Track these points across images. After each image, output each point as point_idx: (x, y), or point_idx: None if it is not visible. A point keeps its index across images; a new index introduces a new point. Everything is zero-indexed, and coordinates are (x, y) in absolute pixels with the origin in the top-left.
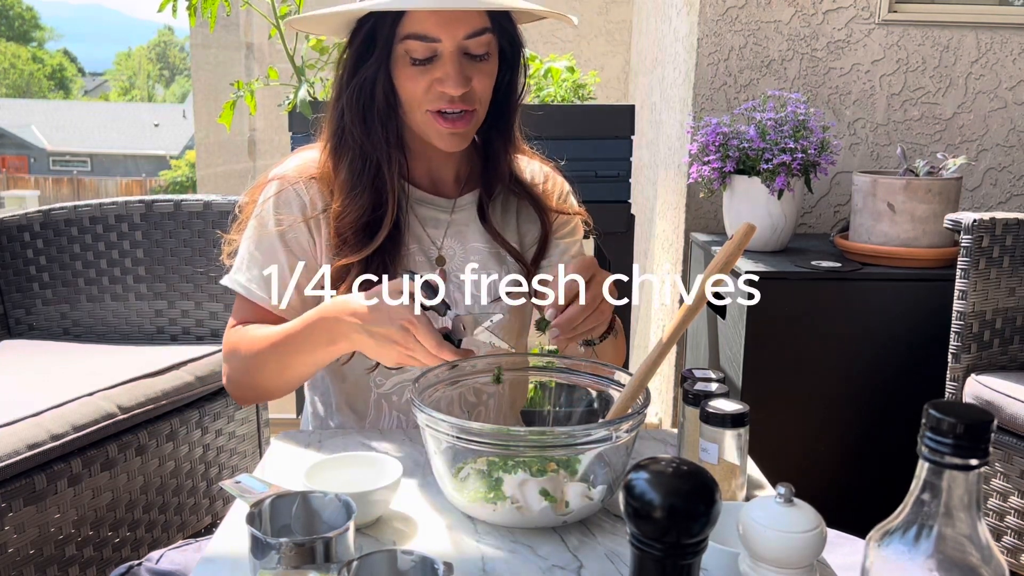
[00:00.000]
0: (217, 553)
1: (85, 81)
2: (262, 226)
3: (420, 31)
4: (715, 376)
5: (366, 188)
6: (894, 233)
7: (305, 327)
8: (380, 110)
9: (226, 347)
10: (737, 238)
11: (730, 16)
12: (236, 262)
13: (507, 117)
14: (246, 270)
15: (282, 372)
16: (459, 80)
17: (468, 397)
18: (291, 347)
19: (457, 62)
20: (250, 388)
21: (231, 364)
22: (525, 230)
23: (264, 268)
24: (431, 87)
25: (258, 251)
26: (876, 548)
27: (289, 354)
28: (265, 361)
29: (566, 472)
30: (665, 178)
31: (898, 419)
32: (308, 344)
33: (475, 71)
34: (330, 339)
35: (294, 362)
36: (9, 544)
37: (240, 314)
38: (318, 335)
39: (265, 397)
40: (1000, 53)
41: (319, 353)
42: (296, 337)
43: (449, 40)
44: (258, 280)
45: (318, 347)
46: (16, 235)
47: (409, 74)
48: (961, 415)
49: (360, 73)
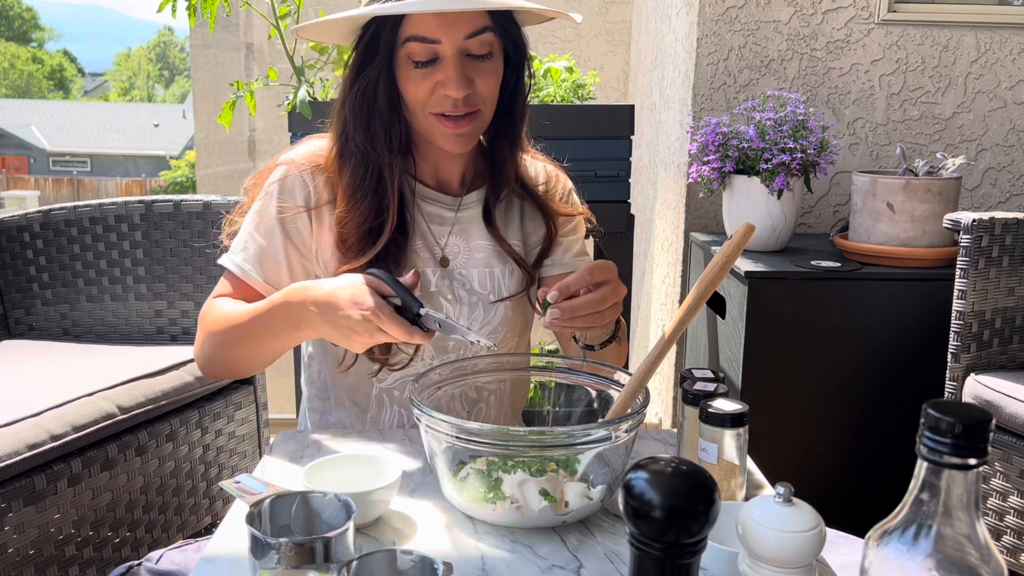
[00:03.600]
0: (217, 553)
1: (85, 81)
2: (264, 209)
3: (420, 33)
4: (715, 376)
5: (368, 193)
6: (893, 233)
7: (271, 309)
8: (383, 114)
9: (201, 319)
10: (736, 238)
11: (729, 16)
12: (235, 243)
13: (513, 120)
14: (241, 250)
15: (250, 352)
16: (460, 82)
17: (469, 394)
18: (257, 328)
19: (458, 64)
20: (219, 363)
21: (201, 340)
22: (530, 230)
23: (260, 249)
24: (434, 90)
25: (257, 232)
26: (875, 547)
27: (256, 335)
28: (234, 339)
29: (566, 472)
30: (665, 178)
31: (897, 418)
32: (273, 327)
33: (478, 72)
34: (294, 324)
35: (261, 343)
36: (9, 544)
37: (224, 289)
38: (283, 319)
39: (234, 374)
40: (999, 53)
41: (284, 337)
42: (262, 319)
43: (449, 41)
44: (252, 261)
45: (283, 331)
46: (16, 235)
47: (412, 77)
48: (960, 414)
49: (362, 78)
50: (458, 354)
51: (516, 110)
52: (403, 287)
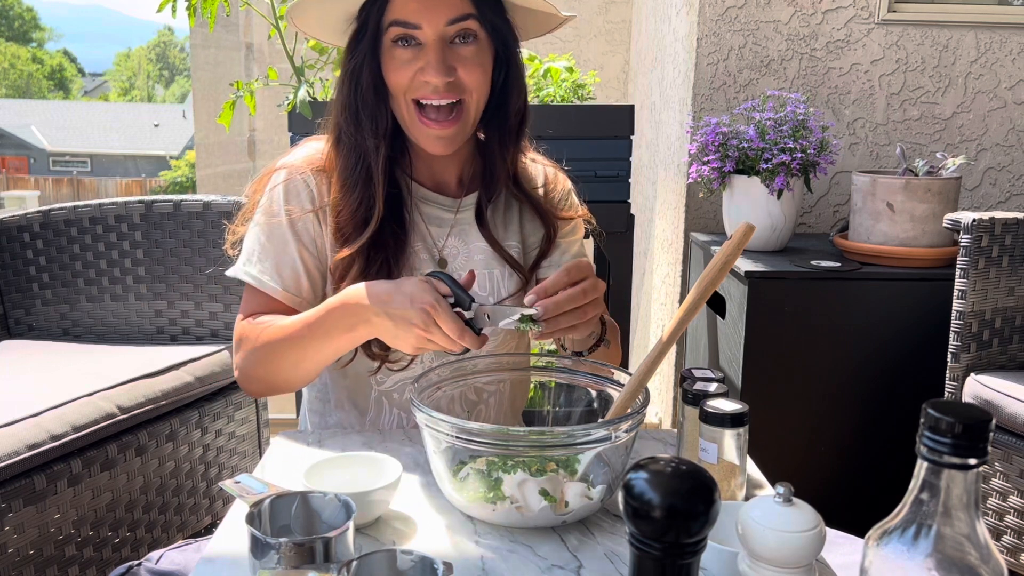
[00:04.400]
0: (217, 553)
1: (85, 81)
2: (272, 215)
3: (402, 18)
4: (714, 376)
5: (359, 181)
6: (893, 233)
7: (325, 314)
8: (367, 100)
9: (237, 340)
10: (736, 238)
11: (729, 16)
12: (245, 253)
13: (505, 118)
14: (257, 261)
15: (299, 363)
16: (440, 68)
17: (469, 396)
18: (309, 336)
19: (439, 49)
20: (263, 380)
21: (244, 356)
22: (529, 232)
23: (275, 258)
24: (415, 76)
25: (269, 242)
26: (875, 547)
27: (307, 343)
28: (282, 352)
29: (565, 472)
30: (665, 178)
31: (897, 418)
32: (327, 331)
33: (461, 60)
34: (350, 325)
35: (312, 351)
36: (9, 544)
37: (251, 306)
38: (338, 321)
39: (278, 390)
40: (999, 53)
41: (338, 340)
42: (315, 325)
43: (430, 27)
44: (270, 271)
45: (337, 334)
46: (16, 235)
47: (395, 64)
48: (960, 414)
49: (350, 63)
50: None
51: (507, 108)
52: (459, 286)
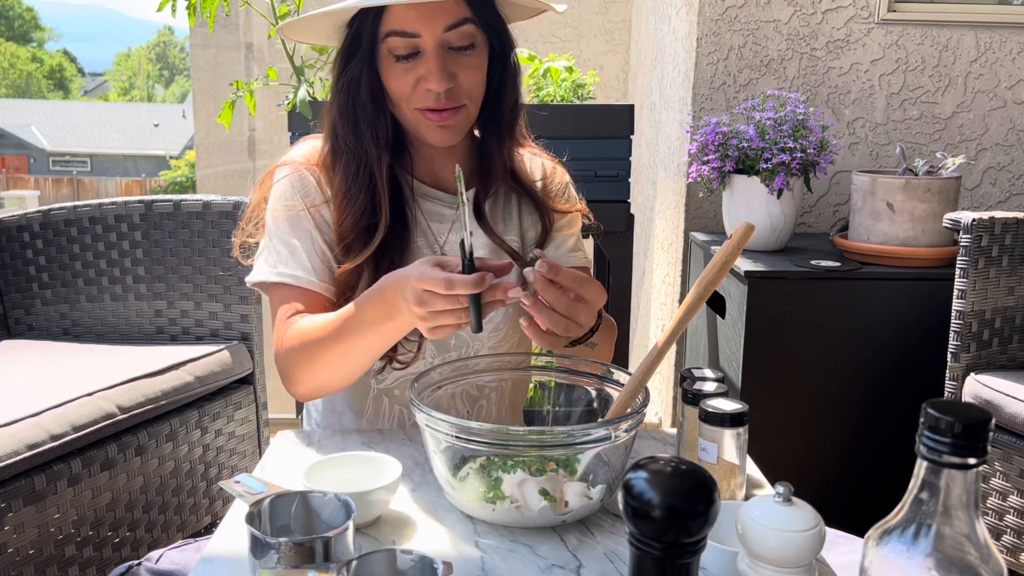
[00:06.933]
0: (217, 553)
1: (85, 81)
2: (289, 209)
3: (399, 27)
4: (714, 376)
5: (361, 190)
6: (893, 232)
7: (363, 305)
8: (367, 111)
9: (283, 343)
10: (736, 238)
11: (729, 16)
12: (271, 254)
13: (501, 114)
14: (289, 259)
15: (345, 358)
16: (442, 76)
17: (470, 392)
18: (350, 329)
19: (439, 57)
20: (310, 381)
21: (291, 359)
22: (527, 226)
23: (304, 252)
24: (417, 85)
25: (294, 237)
26: (875, 547)
27: (350, 337)
28: (327, 349)
29: (565, 472)
30: (664, 178)
31: (897, 418)
32: (367, 322)
33: (460, 65)
34: (387, 313)
35: (356, 346)
36: (9, 544)
37: (290, 306)
38: (375, 311)
39: (328, 389)
40: (999, 52)
41: (379, 328)
42: (354, 318)
43: (429, 34)
44: (304, 266)
45: (378, 322)
46: (16, 235)
47: (394, 73)
48: (959, 414)
49: (346, 74)
50: (459, 353)
51: (503, 104)
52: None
